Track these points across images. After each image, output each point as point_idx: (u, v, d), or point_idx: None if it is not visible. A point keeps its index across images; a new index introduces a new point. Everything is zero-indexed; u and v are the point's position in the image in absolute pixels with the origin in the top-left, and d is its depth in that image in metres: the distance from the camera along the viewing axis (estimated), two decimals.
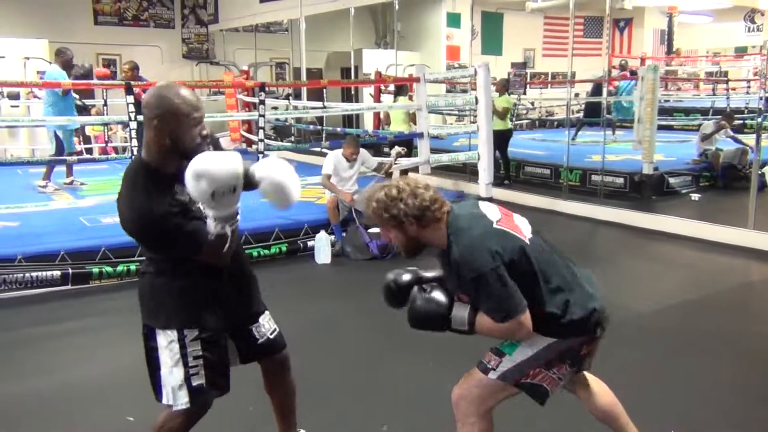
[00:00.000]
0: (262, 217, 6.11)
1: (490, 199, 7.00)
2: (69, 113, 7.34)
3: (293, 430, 2.56)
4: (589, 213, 7.51)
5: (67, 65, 7.52)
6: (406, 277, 2.13)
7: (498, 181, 8.04)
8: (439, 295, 2.04)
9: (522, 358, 2.03)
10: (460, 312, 2.02)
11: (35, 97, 10.33)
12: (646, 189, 7.98)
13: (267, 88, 7.59)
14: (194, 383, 2.13)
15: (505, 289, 1.90)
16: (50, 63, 8.91)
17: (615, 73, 12.41)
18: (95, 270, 4.89)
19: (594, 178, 8.31)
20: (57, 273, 4.79)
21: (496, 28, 15.64)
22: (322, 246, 5.68)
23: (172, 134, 2.00)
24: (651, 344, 3.91)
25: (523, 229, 2.06)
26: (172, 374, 2.13)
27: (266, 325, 2.35)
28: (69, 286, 4.82)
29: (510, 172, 9.12)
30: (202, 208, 2.00)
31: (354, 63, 12.97)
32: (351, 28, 12.54)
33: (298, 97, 11.94)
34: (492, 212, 2.06)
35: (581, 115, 12.48)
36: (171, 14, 15.15)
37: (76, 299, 4.69)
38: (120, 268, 4.95)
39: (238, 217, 2.04)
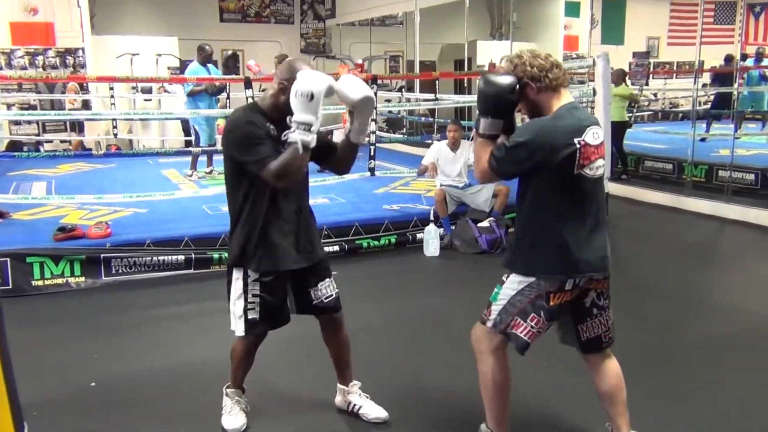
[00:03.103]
0: (372, 209, 6.25)
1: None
2: (211, 107, 7.74)
3: (349, 381, 2.94)
4: (716, 211, 7.08)
5: (207, 61, 7.88)
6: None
7: (615, 176, 7.74)
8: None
9: (503, 301, 2.35)
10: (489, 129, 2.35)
11: (165, 91, 10.98)
12: None
13: (380, 81, 7.67)
14: (249, 316, 2.62)
15: (515, 155, 2.22)
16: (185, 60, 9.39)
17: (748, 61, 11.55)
18: (215, 255, 5.14)
19: (722, 173, 7.82)
20: (181, 257, 5.09)
21: (618, 16, 14.94)
22: (431, 239, 5.68)
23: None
24: None
25: (598, 165, 2.24)
26: (235, 306, 2.63)
27: (323, 290, 2.74)
28: (191, 270, 5.10)
29: (627, 166, 8.76)
30: (288, 121, 2.37)
31: (468, 55, 12.84)
32: (465, 20, 12.43)
33: (410, 89, 11.99)
34: (594, 137, 2.23)
35: (709, 107, 11.73)
36: (291, 10, 15.65)
37: (197, 283, 4.95)
38: None
39: (313, 135, 2.37)
